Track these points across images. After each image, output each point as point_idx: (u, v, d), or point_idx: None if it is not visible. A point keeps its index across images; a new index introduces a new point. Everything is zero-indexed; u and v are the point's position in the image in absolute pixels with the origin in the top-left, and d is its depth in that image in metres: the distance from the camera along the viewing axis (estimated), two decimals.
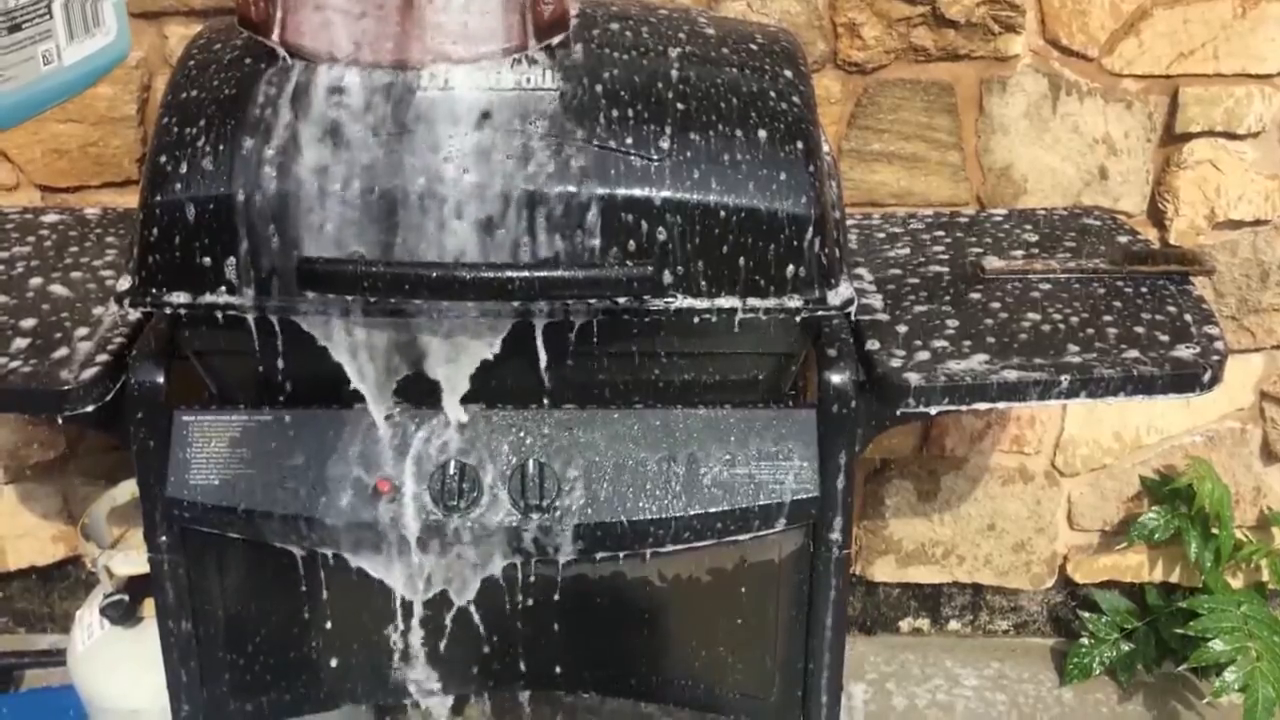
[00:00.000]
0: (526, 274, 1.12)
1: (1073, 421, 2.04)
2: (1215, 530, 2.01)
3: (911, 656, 2.22)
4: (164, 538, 1.32)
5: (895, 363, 1.30)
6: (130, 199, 1.78)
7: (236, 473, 1.28)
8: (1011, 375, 1.28)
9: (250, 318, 1.20)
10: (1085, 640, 2.13)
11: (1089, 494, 2.11)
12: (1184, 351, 1.34)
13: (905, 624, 2.26)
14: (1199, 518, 2.01)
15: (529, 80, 1.19)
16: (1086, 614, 2.14)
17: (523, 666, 1.42)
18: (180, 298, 1.20)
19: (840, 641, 1.40)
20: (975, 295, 1.45)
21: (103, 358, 1.28)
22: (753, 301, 1.22)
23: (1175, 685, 2.12)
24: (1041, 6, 1.76)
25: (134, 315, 1.33)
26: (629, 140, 1.18)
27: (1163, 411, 2.04)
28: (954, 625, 2.26)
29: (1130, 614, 2.13)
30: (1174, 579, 2.16)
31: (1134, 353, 1.33)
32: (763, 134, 1.21)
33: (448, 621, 1.37)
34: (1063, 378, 1.28)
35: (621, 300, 1.18)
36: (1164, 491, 2.05)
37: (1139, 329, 1.37)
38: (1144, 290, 1.47)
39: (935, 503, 2.11)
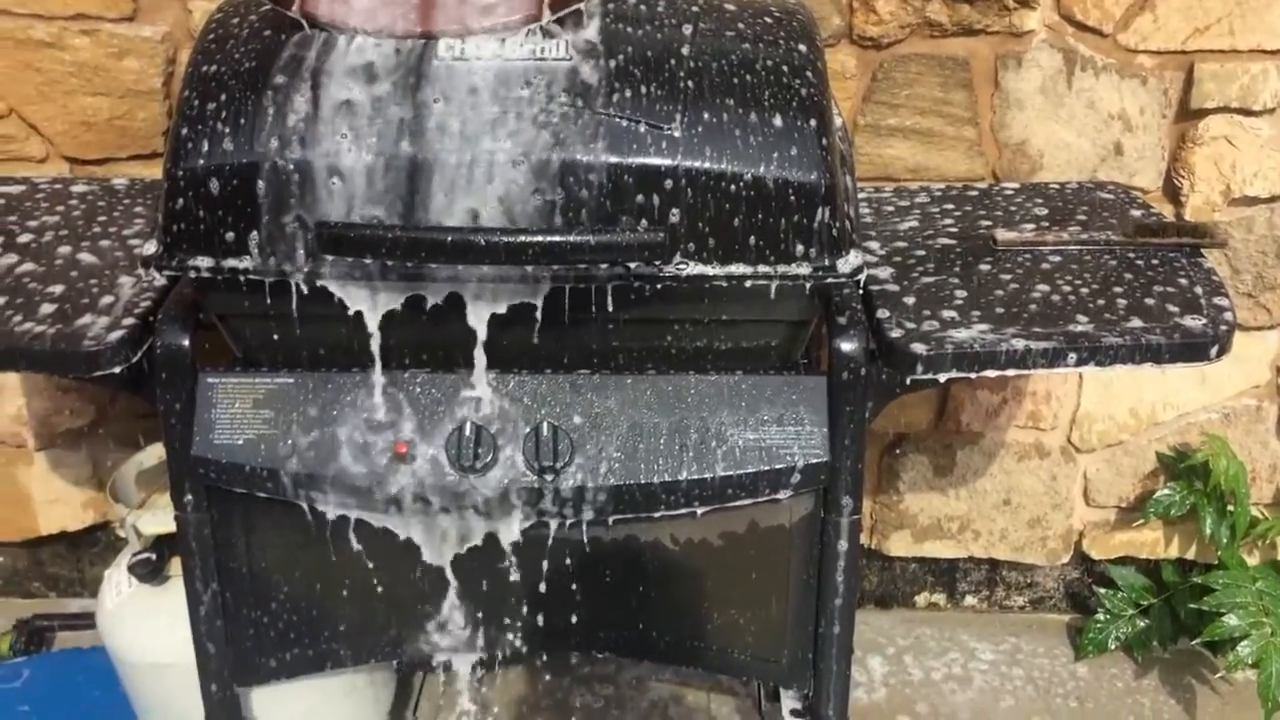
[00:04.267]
0: (541, 239, 1.14)
1: (1089, 397, 2.05)
2: (1231, 507, 2.02)
3: (928, 630, 2.23)
4: (190, 496, 1.35)
5: (905, 331, 1.32)
6: (156, 171, 1.80)
7: (260, 433, 1.32)
8: (1019, 344, 1.30)
9: (270, 282, 1.23)
10: (1101, 616, 2.14)
11: (1105, 470, 2.12)
12: (1192, 322, 1.35)
13: (921, 599, 2.28)
14: (1215, 494, 2.02)
15: (544, 50, 1.22)
16: (1102, 590, 2.15)
17: (539, 626, 1.45)
18: (204, 262, 1.23)
19: (851, 605, 1.42)
20: (985, 266, 1.47)
21: (129, 321, 1.31)
22: (764, 269, 1.23)
23: (1190, 661, 2.14)
24: None
25: (160, 280, 1.37)
26: (642, 111, 1.20)
27: (1179, 388, 2.05)
28: (970, 600, 2.27)
29: (1146, 590, 2.14)
30: (1190, 555, 2.17)
31: (1143, 323, 1.34)
32: (775, 106, 1.22)
33: (464, 582, 1.41)
34: (1071, 346, 1.30)
35: (634, 266, 1.21)
36: (1180, 468, 2.06)
37: (1149, 300, 1.39)
38: (1155, 262, 1.48)
39: (951, 477, 2.12)
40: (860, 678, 2.10)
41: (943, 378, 1.31)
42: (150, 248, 1.26)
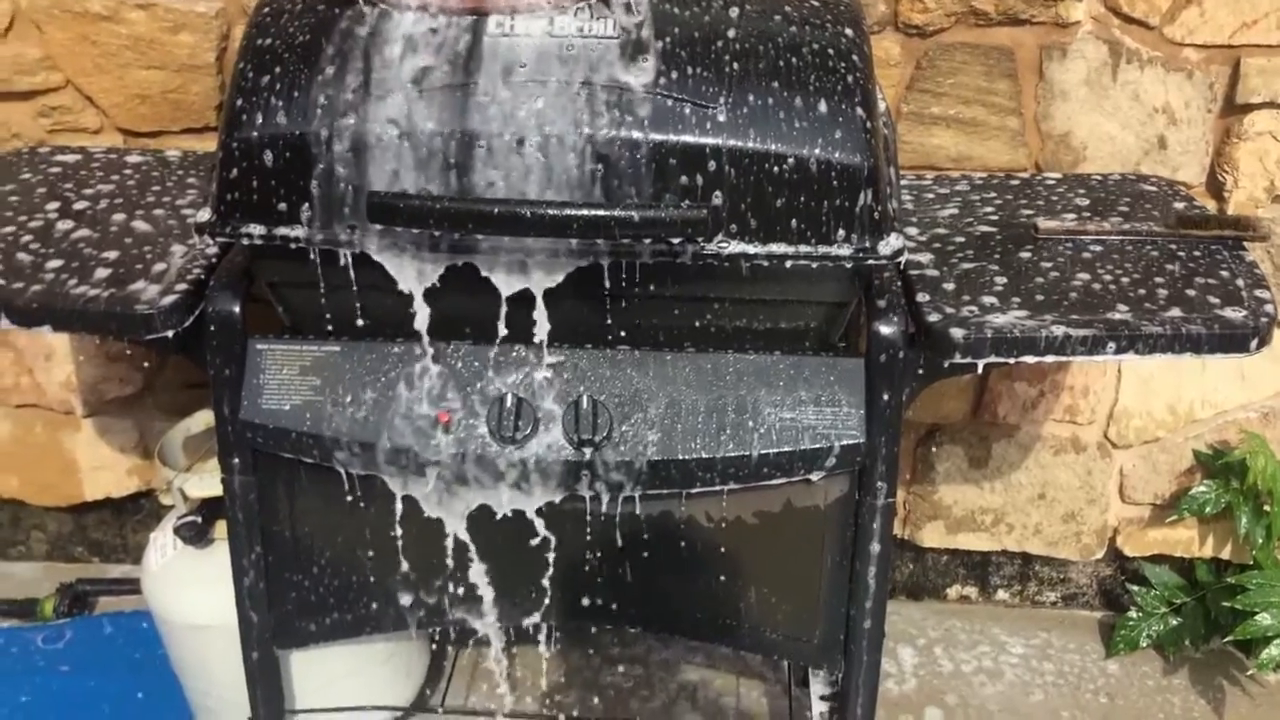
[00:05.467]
0: (586, 212, 1.16)
1: (1127, 393, 2.04)
2: (1267, 506, 2.01)
3: (959, 623, 2.24)
4: (236, 459, 1.39)
5: (944, 315, 1.33)
6: (208, 144, 1.85)
7: (306, 399, 1.35)
8: (1059, 330, 1.30)
9: (319, 250, 1.26)
10: (1133, 613, 2.13)
11: (1141, 466, 2.11)
12: (1233, 313, 1.34)
13: (953, 591, 2.28)
14: (1251, 493, 2.01)
15: (592, 29, 1.23)
16: (1135, 587, 2.14)
17: (573, 599, 1.47)
18: (256, 230, 1.26)
19: (883, 588, 1.43)
20: (1026, 254, 1.47)
21: (182, 287, 1.34)
22: (805, 249, 1.25)
23: (1222, 661, 2.13)
24: None
25: (212, 248, 1.40)
26: (688, 91, 1.21)
27: (1218, 386, 2.04)
28: (1002, 595, 2.27)
29: (1179, 589, 2.13)
30: (1224, 555, 2.16)
31: (1183, 313, 1.34)
32: (820, 89, 1.23)
33: (500, 551, 1.43)
34: (1111, 334, 1.30)
35: (676, 242, 1.22)
36: (1216, 465, 2.05)
37: (1190, 291, 1.38)
38: (1197, 254, 1.48)
39: (986, 470, 2.12)
40: (890, 668, 2.11)
41: (981, 363, 1.31)
42: (204, 215, 1.29)
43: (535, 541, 1.41)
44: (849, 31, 1.30)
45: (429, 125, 1.20)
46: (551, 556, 1.43)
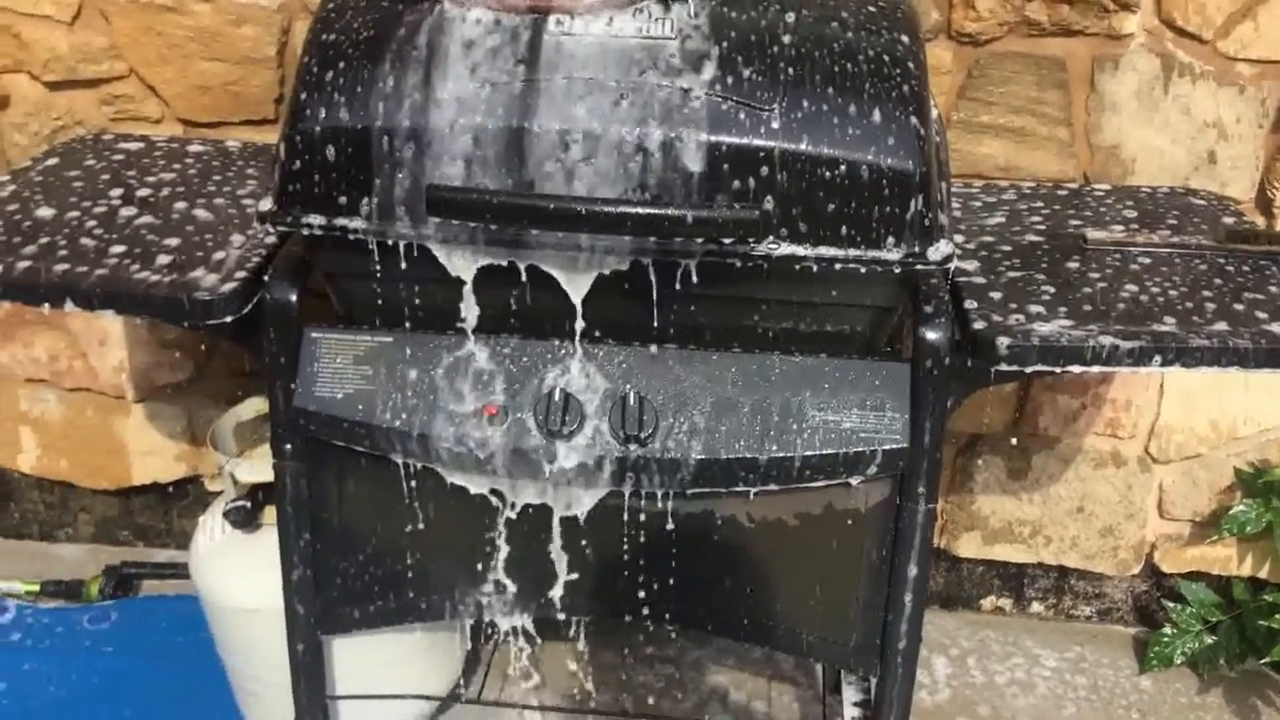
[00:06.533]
0: (640, 210, 1.17)
1: (1169, 408, 2.04)
2: None
3: (992, 634, 2.23)
4: (289, 445, 1.41)
5: (990, 323, 1.33)
6: (268, 137, 1.87)
7: (358, 388, 1.37)
8: (1106, 341, 1.30)
9: (376, 242, 1.28)
10: (1168, 630, 2.12)
11: (1181, 482, 2.10)
12: None
13: (987, 602, 2.28)
14: None
15: (650, 29, 1.25)
16: (1171, 604, 2.13)
17: (612, 593, 1.48)
18: (316, 220, 1.28)
19: (921, 594, 1.43)
20: (1073, 264, 1.47)
21: (241, 275, 1.37)
22: (854, 253, 1.25)
23: (1256, 681, 2.11)
24: None
25: (271, 238, 1.42)
26: (743, 94, 1.22)
27: (1260, 403, 2.03)
28: (1037, 607, 2.26)
29: (1216, 607, 2.12)
30: (1263, 574, 2.14)
31: (1230, 327, 1.34)
32: (875, 96, 1.24)
33: (541, 545, 1.44)
34: (1157, 346, 1.30)
35: (727, 242, 1.23)
36: (1258, 484, 2.04)
37: (1238, 306, 1.38)
38: (1246, 269, 1.48)
39: (1025, 481, 2.12)
40: (924, 678, 2.11)
41: (1028, 370, 1.31)
42: (266, 204, 1.32)
43: (578, 534, 1.43)
44: (904, 39, 1.31)
45: (488, 122, 1.22)
46: (593, 550, 1.44)
